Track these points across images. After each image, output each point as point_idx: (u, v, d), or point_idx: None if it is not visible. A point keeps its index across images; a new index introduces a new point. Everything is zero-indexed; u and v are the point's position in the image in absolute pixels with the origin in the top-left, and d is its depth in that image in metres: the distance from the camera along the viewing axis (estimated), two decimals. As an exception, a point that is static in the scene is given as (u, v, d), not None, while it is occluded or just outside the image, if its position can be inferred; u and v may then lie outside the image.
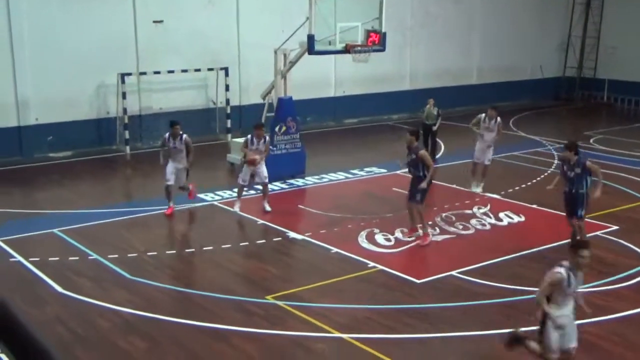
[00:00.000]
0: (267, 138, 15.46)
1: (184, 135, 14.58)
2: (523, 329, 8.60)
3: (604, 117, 28.43)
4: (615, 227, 13.77)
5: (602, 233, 13.60)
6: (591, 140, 22.77)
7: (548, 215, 14.80)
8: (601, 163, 19.19)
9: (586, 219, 13.85)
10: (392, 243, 12.99)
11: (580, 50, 31.77)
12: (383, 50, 17.71)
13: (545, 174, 18.17)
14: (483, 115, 16.63)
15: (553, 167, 18.90)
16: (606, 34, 31.06)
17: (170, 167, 14.62)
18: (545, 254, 12.50)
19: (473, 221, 14.20)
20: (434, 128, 19.64)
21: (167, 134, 14.78)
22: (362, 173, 18.24)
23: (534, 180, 17.45)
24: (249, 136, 15.11)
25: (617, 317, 10.06)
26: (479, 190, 16.21)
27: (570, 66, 32.03)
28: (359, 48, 17.17)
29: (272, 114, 17.87)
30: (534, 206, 15.28)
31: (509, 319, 9.86)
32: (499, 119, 16.51)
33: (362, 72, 23.22)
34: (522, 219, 14.53)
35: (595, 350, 9.12)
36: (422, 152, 12.83)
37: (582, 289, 10.89)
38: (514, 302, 10.54)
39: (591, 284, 11.07)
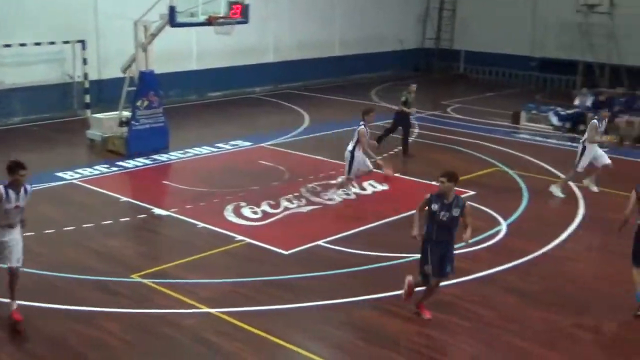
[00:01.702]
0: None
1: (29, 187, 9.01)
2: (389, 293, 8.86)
3: (460, 87, 29.49)
4: (472, 192, 14.35)
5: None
6: (448, 109, 23.60)
7: (410, 183, 15.27)
8: (458, 131, 20.08)
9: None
10: (259, 216, 13.00)
11: (437, 22, 32.76)
12: (246, 22, 17.56)
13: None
14: (596, 120, 14.64)
15: (413, 136, 19.45)
16: (461, 6, 32.16)
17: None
18: (410, 220, 12.89)
19: (338, 191, 14.42)
20: (412, 117, 18.62)
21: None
22: (227, 147, 18.10)
23: (396, 149, 17.90)
24: (363, 125, 14.07)
25: (475, 278, 10.53)
26: (595, 188, 15.02)
27: (428, 37, 32.97)
28: (222, 20, 16.95)
29: (134, 88, 17.39)
30: (397, 175, 15.69)
31: (375, 286, 10.13)
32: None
33: (226, 44, 22.96)
34: (386, 187, 14.90)
35: (457, 310, 9.52)
36: (469, 207, 9.19)
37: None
38: (378, 268, 10.82)
39: (451, 248, 11.53)
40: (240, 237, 11.89)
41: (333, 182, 14.89)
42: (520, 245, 11.78)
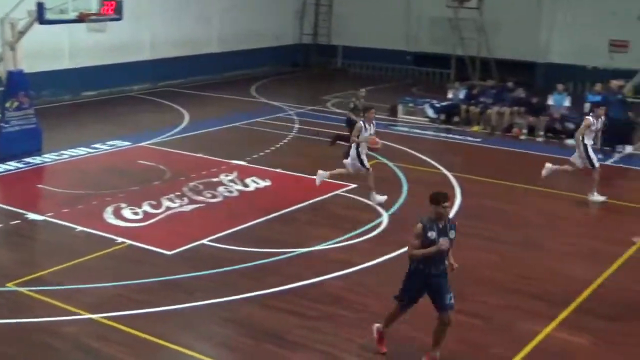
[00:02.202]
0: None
1: None
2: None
3: (339, 81, 29.84)
4: (354, 185, 14.57)
5: (342, 191, 14.34)
6: (328, 104, 23.86)
7: (293, 178, 15.34)
8: (338, 125, 20.32)
9: (326, 180, 14.57)
10: (140, 217, 12.71)
11: (314, 18, 33.02)
12: (120, 19, 17.12)
13: (287, 138, 18.76)
14: (591, 117, 14.57)
15: (294, 131, 19.57)
16: (338, 2, 32.53)
17: None
18: (295, 215, 12.98)
19: (221, 189, 14.32)
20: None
21: None
22: (104, 147, 17.59)
23: (277, 145, 17.96)
24: (361, 121, 13.87)
25: (359, 269, 10.70)
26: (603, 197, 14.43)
27: (306, 33, 33.19)
28: (94, 17, 16.45)
29: (2, 88, 16.62)
30: (279, 170, 15.73)
31: (260, 281, 10.12)
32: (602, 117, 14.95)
33: (100, 41, 22.31)
34: (269, 183, 14.90)
35: (342, 301, 9.64)
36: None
37: (325, 245, 11.52)
38: (265, 264, 10.81)
39: (334, 240, 11.69)
40: (121, 239, 11.59)
41: (215, 179, 14.75)
42: (402, 234, 12.01)
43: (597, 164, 14.38)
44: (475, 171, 15.93)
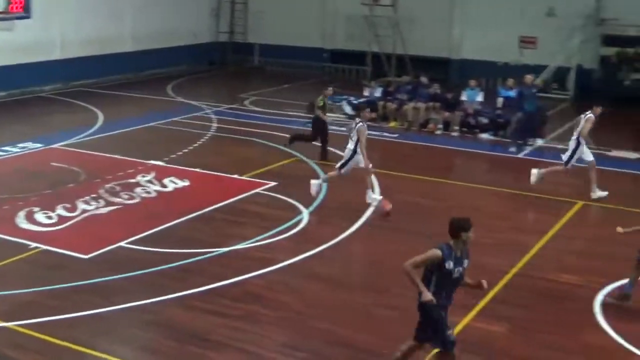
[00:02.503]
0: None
1: None
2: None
3: (256, 79, 29.76)
4: (273, 183, 14.58)
5: (262, 190, 14.33)
6: (245, 102, 23.76)
7: (212, 178, 15.23)
8: (256, 123, 20.28)
9: (245, 178, 14.57)
10: (54, 220, 12.38)
11: (230, 16, 32.81)
12: (28, 17, 16.64)
13: (205, 137, 18.61)
14: (592, 115, 14.49)
15: (212, 130, 19.42)
16: (253, 0, 32.42)
17: None
18: (215, 215, 12.89)
19: (138, 190, 14.09)
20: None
21: None
22: (15, 149, 17.04)
23: (195, 145, 17.78)
24: (362, 122, 13.66)
25: (280, 267, 10.70)
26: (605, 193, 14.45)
27: (222, 31, 32.94)
28: (1, 15, 15.94)
29: None
30: (198, 170, 15.58)
31: (182, 282, 10.02)
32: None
33: (7, 40, 21.60)
34: (187, 183, 14.74)
35: (263, 300, 9.64)
36: None
37: (245, 244, 11.49)
38: (186, 265, 10.70)
39: (254, 239, 11.67)
40: (35, 244, 11.26)
41: (132, 180, 14.50)
42: (322, 231, 12.13)
43: (570, 164, 14.44)
44: (392, 166, 16.16)
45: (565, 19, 25.85)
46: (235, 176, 15.24)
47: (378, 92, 21.73)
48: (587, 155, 14.54)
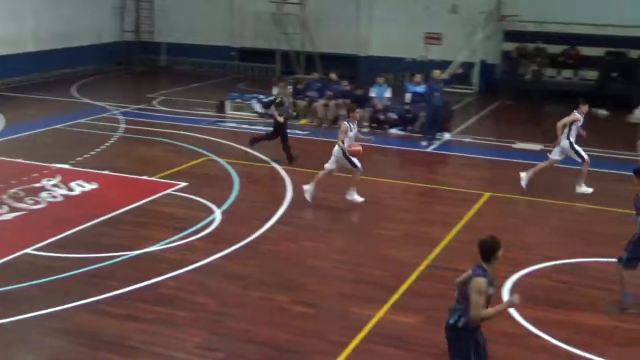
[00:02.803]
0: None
1: None
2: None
3: (164, 79, 29.30)
4: (184, 184, 14.40)
5: (173, 190, 14.12)
6: (154, 102, 23.37)
7: (120, 180, 14.91)
8: (165, 123, 19.98)
9: (155, 179, 14.33)
10: (-45, 229, 11.89)
11: (135, 14, 32.20)
12: None
13: (113, 139, 18.20)
14: (577, 113, 14.53)
15: (120, 131, 19.02)
16: (159, -2, 31.96)
17: None
18: (125, 217, 12.62)
19: (44, 194, 13.66)
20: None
21: None
22: None
23: (103, 147, 17.38)
24: (346, 122, 13.58)
25: (193, 268, 10.58)
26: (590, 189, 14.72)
27: (127, 30, 32.29)
28: None
29: None
30: (106, 172, 15.23)
31: (92, 288, 9.77)
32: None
33: None
34: (95, 186, 14.38)
35: (177, 302, 9.50)
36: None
37: (157, 246, 11.32)
38: (97, 270, 10.44)
39: (167, 240, 11.50)
40: None
41: (37, 185, 14.04)
42: (236, 230, 12.05)
43: (586, 157, 14.55)
44: (304, 163, 16.20)
45: (468, 16, 26.55)
46: (145, 177, 14.97)
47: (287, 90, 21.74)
48: (555, 154, 14.71)
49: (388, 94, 20.79)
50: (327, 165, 13.90)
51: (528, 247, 11.75)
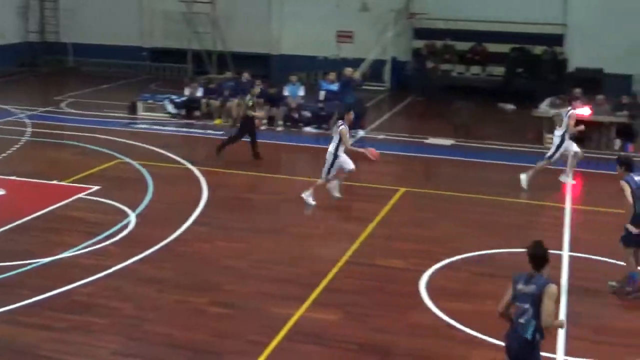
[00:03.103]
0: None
1: None
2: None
3: (72, 81, 28.57)
4: (96, 187, 14.07)
5: (85, 195, 13.78)
6: (62, 105, 22.74)
7: (29, 185, 14.44)
8: (75, 126, 19.48)
9: (66, 183, 13.95)
10: None
11: (40, 14, 31.26)
12: None
13: (19, 143, 17.62)
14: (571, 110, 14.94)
15: (26, 135, 18.44)
16: (65, -3, 31.11)
17: None
18: (36, 224, 12.23)
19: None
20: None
21: None
22: None
23: (9, 151, 16.79)
24: (343, 124, 13.58)
25: (108, 274, 10.33)
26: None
27: (32, 30, 31.29)
28: None
29: None
30: (13, 177, 14.72)
31: (3, 298, 9.43)
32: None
33: None
34: (2, 192, 13.88)
35: (92, 308, 9.27)
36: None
37: (71, 252, 11.03)
38: (6, 279, 10.07)
39: (80, 246, 11.21)
40: None
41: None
42: (151, 233, 11.85)
43: (554, 158, 14.90)
44: (219, 163, 16.09)
45: (379, 14, 26.88)
46: (55, 182, 14.55)
47: (199, 92, 21.53)
48: (573, 146, 15.09)
49: (302, 92, 20.85)
50: (347, 168, 13.83)
51: (442, 241, 11.98)
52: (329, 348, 8.56)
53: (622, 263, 10.26)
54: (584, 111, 18.39)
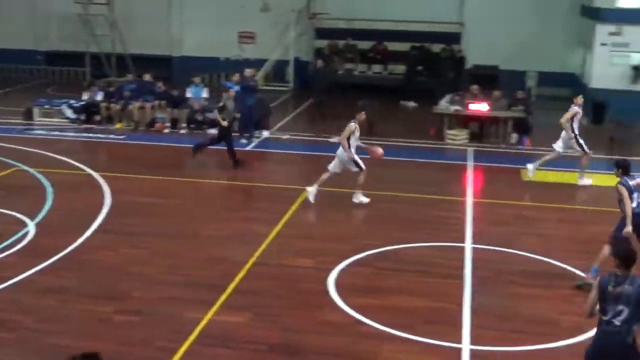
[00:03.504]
0: None
1: None
2: None
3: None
4: (-9, 197, 13.57)
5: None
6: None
7: None
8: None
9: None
10: None
11: None
12: None
13: None
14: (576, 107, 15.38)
15: None
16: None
17: None
18: None
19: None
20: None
21: None
22: None
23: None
24: (353, 122, 13.54)
25: (7, 286, 9.96)
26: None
27: None
28: None
29: None
30: None
31: None
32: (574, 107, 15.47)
33: None
34: None
35: (-9, 324, 8.93)
36: None
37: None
38: None
39: (-24, 259, 10.78)
40: None
41: None
42: (52, 242, 11.49)
43: (587, 149, 15.26)
44: (122, 168, 15.77)
45: (280, 14, 26.95)
46: None
47: (99, 96, 20.98)
48: (558, 146, 15.51)
49: (205, 94, 20.68)
50: (331, 167, 13.87)
51: (349, 238, 12.11)
52: (238, 350, 8.51)
53: (521, 253, 10.63)
54: (482, 107, 19.03)
